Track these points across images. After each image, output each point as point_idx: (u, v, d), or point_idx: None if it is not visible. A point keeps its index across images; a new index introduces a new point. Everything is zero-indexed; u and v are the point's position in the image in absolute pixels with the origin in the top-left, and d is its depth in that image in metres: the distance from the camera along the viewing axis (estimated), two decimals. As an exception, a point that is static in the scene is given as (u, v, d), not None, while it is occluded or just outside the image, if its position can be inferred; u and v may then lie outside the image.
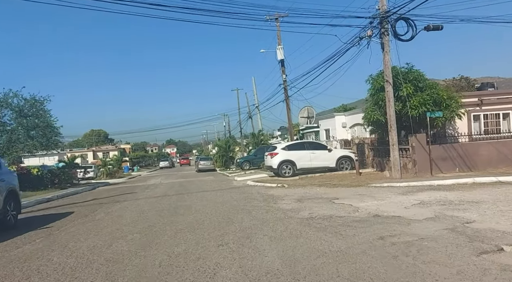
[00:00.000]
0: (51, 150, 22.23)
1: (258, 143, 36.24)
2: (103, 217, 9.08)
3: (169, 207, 10.25)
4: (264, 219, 7.37)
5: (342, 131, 24.57)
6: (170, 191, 15.82)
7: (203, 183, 19.87)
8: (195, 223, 7.42)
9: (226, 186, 16.63)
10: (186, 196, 13.02)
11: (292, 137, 26.96)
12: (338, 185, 12.61)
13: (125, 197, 14.44)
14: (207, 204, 10.32)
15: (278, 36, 26.25)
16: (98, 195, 16.62)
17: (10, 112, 20.09)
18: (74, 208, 11.76)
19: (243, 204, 9.79)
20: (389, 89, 13.09)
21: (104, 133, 79.60)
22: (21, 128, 19.75)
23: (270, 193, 12.05)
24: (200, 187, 16.79)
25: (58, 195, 16.82)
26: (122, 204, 11.87)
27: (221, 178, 23.30)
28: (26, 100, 20.61)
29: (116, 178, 35.79)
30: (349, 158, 17.46)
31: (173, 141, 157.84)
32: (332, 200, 9.45)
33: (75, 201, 14.50)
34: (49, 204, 13.89)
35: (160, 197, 13.37)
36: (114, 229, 7.22)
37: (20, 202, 8.56)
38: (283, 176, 16.92)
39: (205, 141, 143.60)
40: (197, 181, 22.14)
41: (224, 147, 33.11)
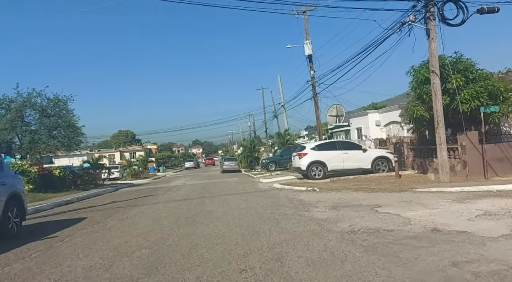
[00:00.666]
0: (73, 150, 21.93)
1: (284, 143, 34.97)
2: (115, 225, 8.16)
3: (187, 213, 9.22)
4: (296, 232, 6.16)
5: (376, 130, 22.91)
6: (191, 194, 14.89)
7: (227, 185, 18.86)
8: (214, 235, 6.31)
9: (251, 188, 15.52)
10: (208, 200, 11.99)
11: (321, 137, 25.52)
12: (377, 190, 11.18)
13: (144, 200, 13.61)
14: (230, 211, 9.22)
15: (305, 30, 24.93)
16: (118, 197, 15.94)
17: (33, 112, 19.90)
18: (89, 212, 10.99)
19: (270, 212, 8.61)
20: (435, 81, 11.51)
21: (131, 134, 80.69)
22: (44, 128, 19.48)
23: (300, 198, 10.81)
24: (223, 190, 15.77)
25: (79, 197, 16.30)
26: (139, 209, 10.99)
27: (246, 180, 22.23)
28: (49, 100, 20.36)
29: (141, 178, 35.59)
30: (386, 158, 15.89)
31: (199, 141, 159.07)
32: (374, 208, 8.11)
33: (93, 204, 13.83)
34: (67, 207, 13.27)
35: (180, 201, 12.42)
36: (122, 242, 6.23)
37: (25, 207, 7.78)
38: (313, 178, 15.60)
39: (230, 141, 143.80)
40: (221, 182, 21.17)
41: (249, 147, 32.08)
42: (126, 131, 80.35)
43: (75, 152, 24.09)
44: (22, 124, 19.32)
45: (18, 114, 18.94)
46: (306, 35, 24.64)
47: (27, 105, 19.67)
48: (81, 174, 22.30)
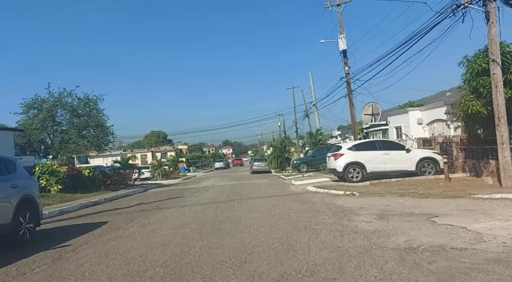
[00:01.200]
0: (102, 149, 21.86)
1: (316, 143, 33.61)
2: (134, 232, 7.42)
3: (214, 220, 8.35)
4: (341, 249, 5.09)
5: (418, 129, 21.18)
6: (219, 196, 14.07)
7: (257, 186, 17.93)
8: (242, 250, 5.36)
9: (282, 191, 14.49)
10: (237, 204, 11.10)
11: (356, 137, 24.04)
12: (427, 195, 9.81)
13: (171, 203, 12.94)
14: (260, 218, 8.25)
15: (340, 24, 23.59)
16: (145, 199, 15.42)
17: (64, 112, 19.93)
18: (112, 215, 10.41)
19: (307, 220, 7.56)
20: (496, 71, 9.98)
21: (163, 135, 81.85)
22: (73, 128, 19.45)
23: (339, 204, 9.66)
24: (253, 192, 14.84)
25: (106, 198, 15.95)
26: (164, 213, 10.27)
27: (276, 181, 21.21)
28: (80, 99, 20.33)
29: (171, 178, 35.47)
30: (433, 160, 14.34)
31: (229, 141, 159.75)
32: (430, 218, 6.86)
33: (119, 205, 13.34)
34: (92, 209, 12.84)
35: (207, 204, 11.61)
36: (137, 256, 5.42)
37: (40, 212, 7.21)
38: (350, 180, 14.34)
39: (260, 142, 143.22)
40: (250, 184, 20.29)
41: (279, 147, 31.02)
42: (158, 132, 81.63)
43: (106, 152, 24.13)
44: (53, 124, 19.39)
45: (49, 114, 19.00)
46: (340, 29, 23.31)
47: (58, 105, 19.73)
48: (111, 174, 22.16)
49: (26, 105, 19.13)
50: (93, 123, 19.66)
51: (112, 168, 25.91)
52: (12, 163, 6.97)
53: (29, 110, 19.31)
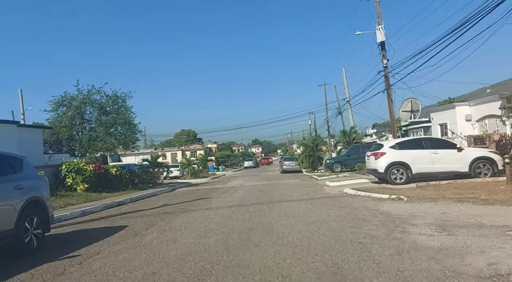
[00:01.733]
0: (130, 148, 21.49)
1: (350, 142, 31.97)
2: (152, 241, 6.56)
3: (241, 227, 7.36)
4: (404, 275, 3.92)
5: (466, 126, 19.22)
6: (249, 198, 13.10)
7: (288, 187, 16.81)
8: (276, 271, 4.32)
9: (316, 193, 13.30)
10: (267, 208, 10.06)
11: (395, 134, 22.37)
12: (492, 201, 8.32)
13: (197, 204, 12.11)
14: (295, 225, 7.17)
15: (377, 14, 22.01)
16: (171, 199, 14.73)
17: (92, 109, 19.70)
18: (134, 219, 9.68)
19: (351, 231, 6.40)
20: None
21: (193, 133, 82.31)
22: (101, 125, 19.17)
23: (384, 210, 8.39)
24: (285, 194, 13.75)
25: (132, 198, 15.42)
26: (188, 216, 9.41)
27: (309, 182, 19.99)
28: (108, 96, 20.05)
29: (200, 177, 35.02)
30: (489, 160, 12.64)
31: (259, 140, 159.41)
32: (507, 232, 5.53)
33: (144, 207, 12.68)
34: (116, 210, 12.25)
35: (235, 207, 10.65)
36: (148, 273, 4.51)
37: (49, 215, 6.51)
38: (393, 182, 12.94)
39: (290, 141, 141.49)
40: (281, 184, 19.20)
41: (311, 146, 29.67)
42: (188, 130, 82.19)
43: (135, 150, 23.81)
44: (81, 122, 19.20)
45: (77, 111, 18.82)
46: (378, 20, 21.73)
47: (86, 103, 19.53)
48: (139, 173, 21.79)
49: (56, 103, 19.09)
50: (121, 120, 19.30)
51: (141, 166, 25.67)
52: (19, 161, 6.31)
53: (58, 107, 19.26)
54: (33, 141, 16.27)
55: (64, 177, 15.55)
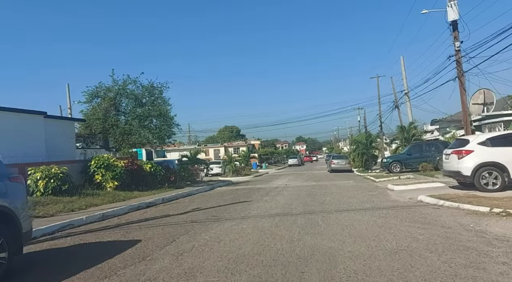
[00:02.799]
0: (165, 142, 20.00)
1: (409, 139, 28.42)
2: (159, 272, 4.55)
3: (288, 254, 5.12)
4: None
5: None
6: (295, 204, 10.82)
7: (342, 191, 14.28)
8: None
9: (381, 200, 10.69)
10: (321, 221, 7.72)
11: (469, 130, 18.83)
12: None
13: (232, 211, 10.05)
14: (370, 258, 4.78)
15: (448, -14, 18.65)
16: (206, 202, 12.85)
17: (126, 100, 18.41)
18: (153, 229, 7.82)
19: (467, 273, 3.91)
20: None
21: (236, 129, 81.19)
22: (135, 118, 17.79)
23: (497, 232, 5.75)
24: (340, 200, 11.28)
25: (165, 198, 13.78)
26: (218, 229, 7.34)
27: (365, 184, 17.24)
28: (144, 87, 18.66)
29: (242, 175, 33.18)
30: None
31: (303, 138, 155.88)
32: None
33: (172, 210, 10.89)
34: (141, 214, 10.58)
35: (279, 217, 8.42)
36: None
37: (22, 232, 4.70)
38: (483, 189, 10.00)
39: (336, 138, 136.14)
40: (332, 186, 16.67)
41: (364, 143, 26.61)
42: (231, 126, 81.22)
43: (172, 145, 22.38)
44: (115, 113, 17.96)
45: (111, 103, 17.60)
46: (450, -6, 18.38)
47: (122, 94, 18.27)
48: (176, 170, 20.33)
49: (90, 94, 18.07)
50: (155, 113, 17.82)
51: (180, 163, 24.33)
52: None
53: (93, 99, 18.24)
54: (62, 134, 15.24)
55: (93, 173, 14.27)
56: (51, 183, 11.32)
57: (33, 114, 13.38)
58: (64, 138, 15.42)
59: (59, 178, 11.48)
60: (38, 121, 13.58)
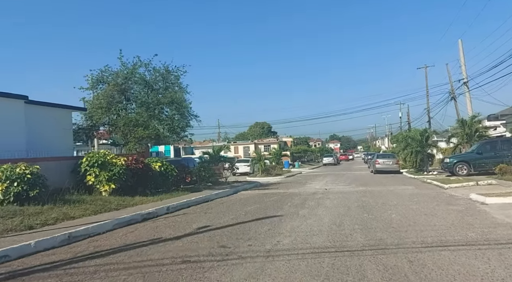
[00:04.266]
0: (179, 136, 16.90)
1: (471, 135, 23.74)
2: None
3: None
4: None
5: None
6: (348, 225, 7.26)
7: (406, 201, 10.55)
8: None
9: (484, 224, 6.91)
10: (409, 271, 4.14)
11: None
12: None
13: (253, 236, 6.66)
14: None
15: None
16: (220, 215, 9.58)
17: (135, 86, 15.48)
18: (124, 272, 4.61)
19: None
20: None
21: (267, 126, 77.78)
22: (142, 105, 14.83)
23: None
24: (415, 220, 7.59)
25: (171, 207, 10.68)
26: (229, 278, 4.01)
27: (431, 191, 13.30)
28: (156, 70, 15.67)
29: (272, 175, 29.73)
30: None
31: (337, 136, 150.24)
32: None
33: (167, 231, 7.70)
34: (124, 234, 7.48)
35: (329, 259, 4.92)
36: None
37: None
38: None
39: (372, 136, 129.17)
40: (387, 193, 12.91)
41: (418, 139, 22.34)
42: (262, 123, 77.88)
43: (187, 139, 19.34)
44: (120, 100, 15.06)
45: (117, 88, 14.73)
46: None
47: (130, 79, 15.39)
48: (194, 169, 17.28)
49: (94, 79, 15.36)
50: (166, 100, 14.77)
51: (201, 161, 21.33)
52: None
53: (97, 85, 15.53)
54: (54, 125, 12.56)
55: (85, 173, 11.44)
56: (14, 187, 8.49)
57: (10, 98, 10.69)
58: (57, 130, 12.74)
59: (26, 180, 8.63)
60: (17, 107, 10.89)
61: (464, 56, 29.21)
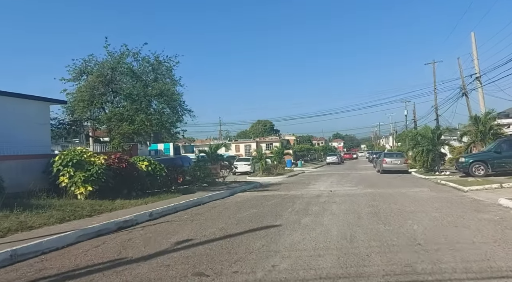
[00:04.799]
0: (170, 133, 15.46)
1: (485, 133, 22.24)
2: None
3: None
4: None
5: None
6: (360, 241, 5.83)
7: (424, 207, 9.12)
8: None
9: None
10: None
11: None
12: None
13: (243, 255, 5.25)
14: None
15: None
16: (208, 224, 8.19)
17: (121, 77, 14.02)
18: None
19: None
20: None
21: (270, 124, 76.29)
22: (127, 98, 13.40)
23: None
24: (446, 234, 6.14)
25: (154, 213, 9.31)
26: None
27: (450, 194, 11.85)
28: (144, 59, 14.24)
29: (274, 174, 28.35)
30: None
31: (340, 134, 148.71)
32: None
33: (138, 248, 6.32)
34: (86, 251, 6.12)
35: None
36: None
37: None
38: None
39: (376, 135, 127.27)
40: (401, 197, 11.46)
41: (430, 137, 20.83)
42: (264, 121, 76.38)
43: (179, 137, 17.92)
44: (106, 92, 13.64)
45: (100, 79, 13.32)
46: None
47: (117, 69, 13.98)
48: (188, 169, 15.92)
49: (76, 70, 13.97)
50: (155, 91, 13.33)
51: (197, 160, 20.01)
52: None
53: (81, 76, 14.13)
54: (25, 119, 11.21)
55: (57, 173, 10.08)
56: (-40, 190, 7.15)
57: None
58: (30, 125, 11.39)
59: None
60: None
61: (477, 49, 27.67)
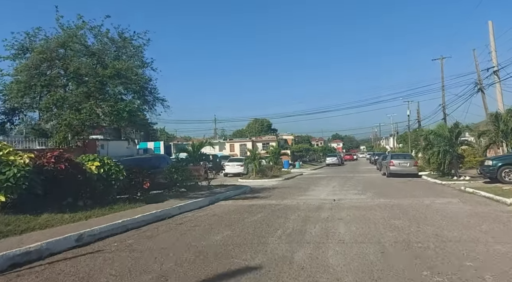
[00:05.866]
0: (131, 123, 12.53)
1: (507, 133, 19.49)
2: None
3: None
4: None
5: None
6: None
7: (467, 228, 6.33)
8: None
9: None
10: None
11: None
12: None
13: None
14: None
15: None
16: (149, 260, 5.39)
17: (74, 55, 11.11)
18: None
19: None
20: None
21: (267, 123, 73.43)
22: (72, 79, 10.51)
23: None
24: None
25: (88, 235, 6.57)
26: None
27: (487, 207, 9.04)
28: (103, 34, 11.40)
29: (269, 177, 25.52)
30: None
31: (339, 135, 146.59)
32: None
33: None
34: None
35: None
36: None
37: None
38: None
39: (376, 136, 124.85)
40: (426, 210, 8.65)
41: (446, 136, 18.05)
42: (261, 120, 73.49)
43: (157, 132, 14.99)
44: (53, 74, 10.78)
45: (44, 56, 10.44)
46: None
47: (69, 46, 11.12)
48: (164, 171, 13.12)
49: (16, 46, 11.08)
50: (108, 71, 10.37)
51: (177, 160, 17.22)
52: None
53: (24, 53, 11.25)
54: None
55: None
56: None
57: None
58: None
59: None
60: None
61: (495, 40, 24.92)
